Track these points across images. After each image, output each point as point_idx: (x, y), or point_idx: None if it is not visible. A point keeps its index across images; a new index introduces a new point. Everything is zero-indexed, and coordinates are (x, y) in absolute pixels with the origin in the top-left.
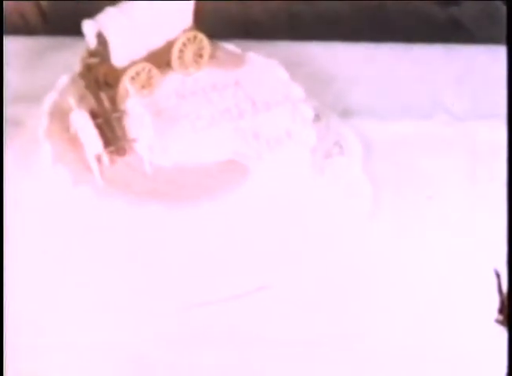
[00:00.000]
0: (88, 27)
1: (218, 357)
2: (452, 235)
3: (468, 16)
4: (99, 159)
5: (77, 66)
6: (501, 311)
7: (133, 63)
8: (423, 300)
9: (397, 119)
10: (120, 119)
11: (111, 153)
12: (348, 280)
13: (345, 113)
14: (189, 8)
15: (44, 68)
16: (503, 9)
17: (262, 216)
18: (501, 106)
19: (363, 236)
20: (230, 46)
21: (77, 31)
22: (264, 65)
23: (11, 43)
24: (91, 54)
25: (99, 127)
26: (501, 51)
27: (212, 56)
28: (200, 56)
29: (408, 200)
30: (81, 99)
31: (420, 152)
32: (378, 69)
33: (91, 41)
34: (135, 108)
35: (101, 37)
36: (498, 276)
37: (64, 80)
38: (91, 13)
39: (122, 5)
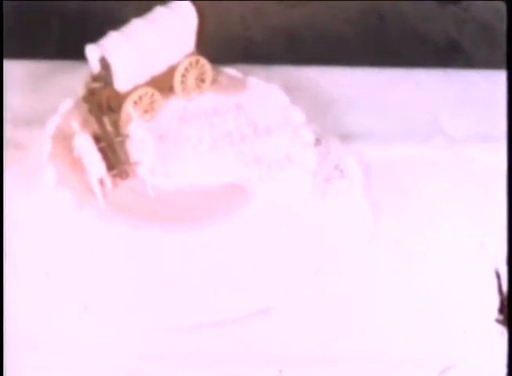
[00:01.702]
0: (91, 51)
1: None
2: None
3: (467, 40)
4: (101, 182)
5: (81, 90)
6: (501, 311)
7: (136, 88)
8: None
9: (396, 142)
10: (122, 143)
11: (114, 176)
12: (349, 301)
13: (345, 137)
14: (191, 32)
15: (47, 92)
16: (503, 32)
17: (264, 239)
18: (498, 130)
19: (363, 258)
20: (232, 71)
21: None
22: (265, 89)
23: (14, 67)
24: (95, 79)
25: (101, 150)
26: (499, 75)
27: (214, 81)
28: (202, 80)
29: (407, 222)
30: (85, 123)
31: (419, 175)
32: (377, 93)
33: (94, 65)
34: (138, 132)
35: (104, 62)
36: (498, 276)
37: (67, 104)
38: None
39: (125, 30)
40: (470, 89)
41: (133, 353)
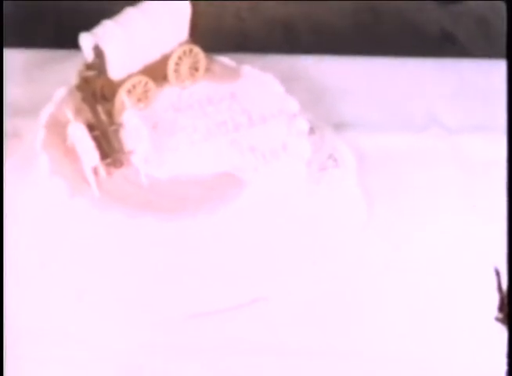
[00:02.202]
0: (85, 40)
1: (213, 368)
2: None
3: (462, 30)
4: (95, 171)
5: (75, 79)
6: (501, 309)
7: (130, 76)
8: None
9: (391, 132)
10: (116, 132)
11: (108, 165)
12: (343, 291)
13: (339, 126)
14: (184, 21)
15: (41, 80)
16: (497, 24)
17: (258, 228)
18: (494, 120)
19: (358, 247)
20: (225, 59)
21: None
22: (259, 78)
23: (8, 55)
24: (89, 67)
25: (95, 139)
26: (494, 65)
27: (208, 69)
28: (196, 69)
29: (401, 212)
30: (78, 112)
31: (414, 165)
32: (372, 82)
33: (88, 54)
34: (132, 121)
35: (98, 50)
36: (498, 274)
37: (61, 92)
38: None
39: (119, 19)
40: (465, 79)
41: (128, 343)
